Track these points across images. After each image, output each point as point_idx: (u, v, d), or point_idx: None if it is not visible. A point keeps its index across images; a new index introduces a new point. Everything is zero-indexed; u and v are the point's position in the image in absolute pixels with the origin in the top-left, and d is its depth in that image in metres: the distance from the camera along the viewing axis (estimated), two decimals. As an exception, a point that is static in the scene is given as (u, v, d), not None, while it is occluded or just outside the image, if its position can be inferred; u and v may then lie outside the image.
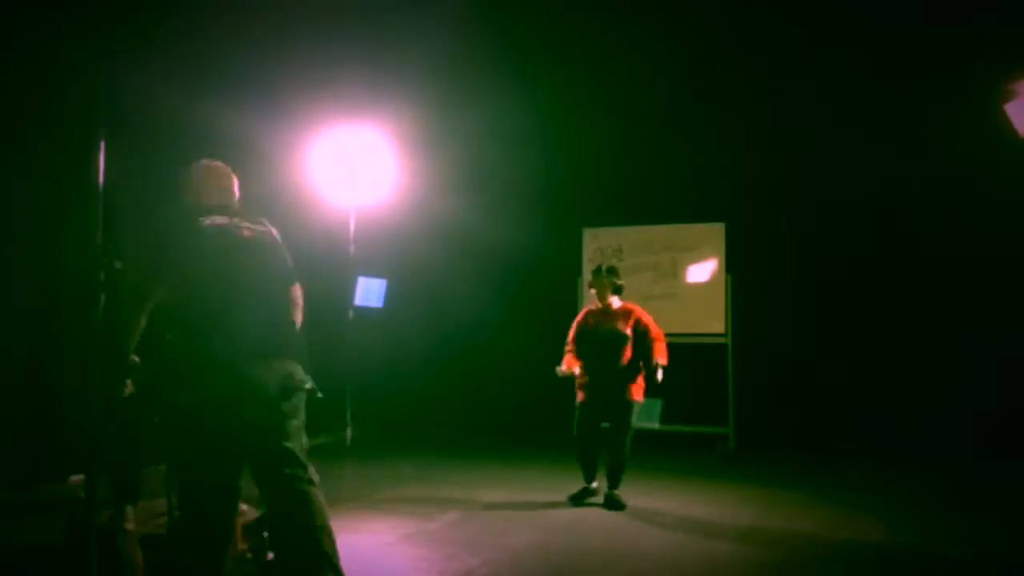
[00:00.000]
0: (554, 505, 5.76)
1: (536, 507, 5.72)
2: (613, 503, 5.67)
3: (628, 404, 5.79)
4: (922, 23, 7.43)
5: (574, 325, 6.04)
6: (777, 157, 8.33)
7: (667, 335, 5.78)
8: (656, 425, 8.08)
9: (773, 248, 8.41)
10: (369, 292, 8.42)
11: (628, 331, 5.82)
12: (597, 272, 6.03)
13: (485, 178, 9.10)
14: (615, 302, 5.95)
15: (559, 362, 5.92)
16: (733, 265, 8.11)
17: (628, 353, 5.81)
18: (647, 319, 5.92)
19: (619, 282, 5.97)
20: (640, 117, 8.70)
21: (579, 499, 5.78)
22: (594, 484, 5.85)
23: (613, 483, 5.76)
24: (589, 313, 6.03)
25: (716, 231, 8.23)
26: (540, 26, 8.61)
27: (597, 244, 8.66)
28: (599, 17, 8.41)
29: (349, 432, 8.25)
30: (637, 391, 5.85)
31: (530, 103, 8.69)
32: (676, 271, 8.34)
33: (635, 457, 5.85)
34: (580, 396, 5.94)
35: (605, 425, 5.89)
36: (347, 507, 5.74)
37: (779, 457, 7.80)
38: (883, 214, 8.11)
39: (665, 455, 7.56)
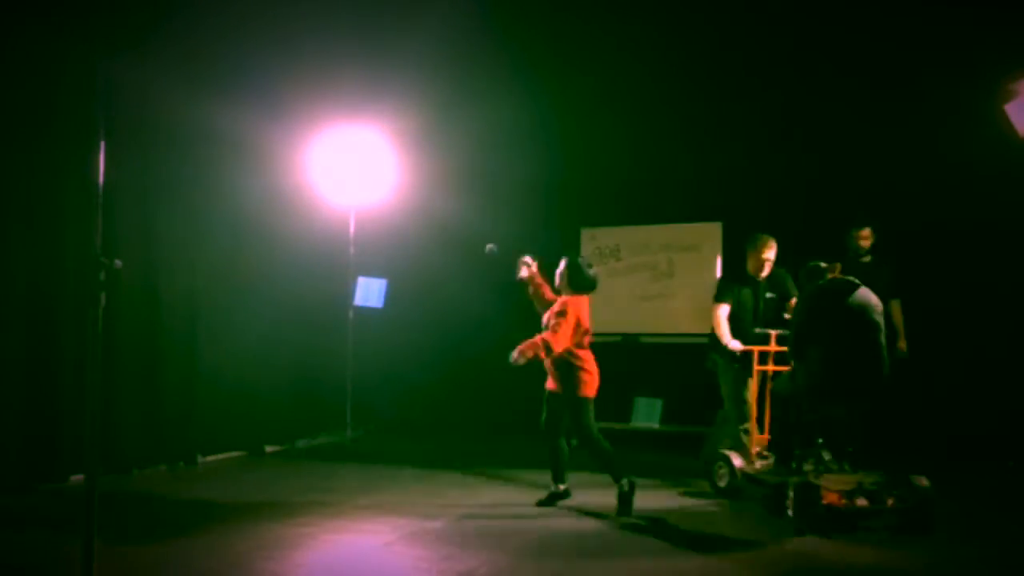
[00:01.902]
0: (554, 504, 5.75)
1: (536, 507, 5.72)
2: (622, 500, 5.51)
3: (575, 400, 5.62)
4: (922, 22, 7.43)
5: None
6: (776, 156, 8.33)
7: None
8: (656, 425, 8.09)
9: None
10: (369, 292, 8.42)
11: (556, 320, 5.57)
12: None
13: (484, 178, 9.10)
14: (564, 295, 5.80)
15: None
16: (731, 265, 8.10)
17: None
18: (554, 310, 5.64)
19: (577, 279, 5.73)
20: (639, 117, 8.70)
21: (547, 504, 5.68)
22: (562, 487, 5.77)
23: (615, 476, 5.57)
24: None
25: (713, 231, 8.23)
26: (541, 26, 8.62)
27: (595, 244, 8.67)
28: (600, 17, 8.41)
29: (349, 432, 8.26)
30: (583, 387, 5.61)
31: (530, 103, 8.70)
32: (673, 271, 8.34)
33: (636, 457, 5.80)
34: (548, 384, 5.83)
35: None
36: (347, 507, 5.75)
37: (778, 457, 7.79)
38: (882, 214, 8.09)
39: (665, 455, 7.56)
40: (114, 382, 6.61)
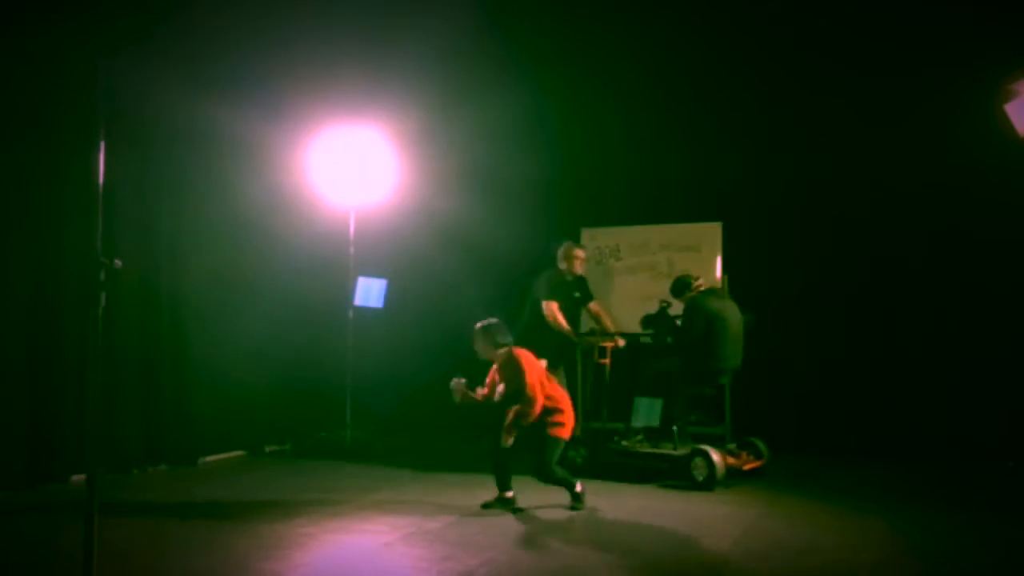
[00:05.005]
0: (553, 505, 5.76)
1: (536, 507, 5.72)
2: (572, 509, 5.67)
3: (544, 439, 5.62)
4: (923, 22, 7.43)
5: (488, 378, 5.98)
6: (775, 157, 8.33)
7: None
8: (656, 425, 8.07)
9: (771, 248, 8.40)
10: (369, 292, 8.42)
11: (515, 384, 5.65)
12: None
13: (484, 178, 9.10)
14: (496, 355, 5.86)
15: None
16: (730, 265, 8.11)
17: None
18: (507, 376, 5.75)
19: (496, 339, 5.85)
20: (639, 117, 8.70)
21: (491, 506, 5.68)
22: (509, 493, 5.72)
23: (570, 490, 5.73)
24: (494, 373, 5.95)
25: (713, 231, 8.22)
26: (541, 26, 8.62)
27: (595, 244, 8.67)
28: (600, 17, 8.41)
29: (349, 432, 8.26)
30: (557, 429, 5.65)
31: (529, 103, 8.69)
32: (673, 271, 8.33)
33: (635, 457, 5.73)
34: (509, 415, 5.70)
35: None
36: (347, 507, 5.76)
37: (778, 457, 7.79)
38: (882, 214, 8.10)
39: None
40: (114, 382, 6.62)
